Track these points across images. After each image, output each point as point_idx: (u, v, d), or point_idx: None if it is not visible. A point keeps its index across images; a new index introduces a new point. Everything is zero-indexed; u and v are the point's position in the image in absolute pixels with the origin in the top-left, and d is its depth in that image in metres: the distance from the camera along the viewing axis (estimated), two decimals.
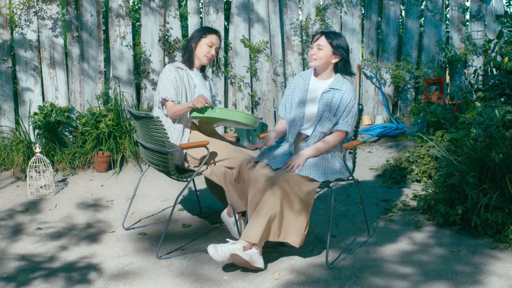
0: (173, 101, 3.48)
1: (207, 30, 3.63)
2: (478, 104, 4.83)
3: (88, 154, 5.14)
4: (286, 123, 3.43)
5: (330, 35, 3.29)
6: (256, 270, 3.11)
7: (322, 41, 3.29)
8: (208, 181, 3.81)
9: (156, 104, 3.58)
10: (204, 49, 3.61)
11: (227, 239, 3.14)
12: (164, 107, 3.55)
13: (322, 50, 3.28)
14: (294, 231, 3.15)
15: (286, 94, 3.46)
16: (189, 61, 3.65)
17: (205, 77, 3.77)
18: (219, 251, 3.00)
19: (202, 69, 3.75)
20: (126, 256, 3.37)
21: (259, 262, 3.08)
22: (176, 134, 3.52)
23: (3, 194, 4.50)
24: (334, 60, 3.32)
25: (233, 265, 3.18)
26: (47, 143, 5.16)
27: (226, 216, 3.62)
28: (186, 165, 3.52)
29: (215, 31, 3.65)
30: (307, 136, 3.36)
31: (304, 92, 3.38)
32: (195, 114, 3.36)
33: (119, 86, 5.55)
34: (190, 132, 3.57)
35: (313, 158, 3.25)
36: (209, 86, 3.79)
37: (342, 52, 3.29)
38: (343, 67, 3.34)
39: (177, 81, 3.52)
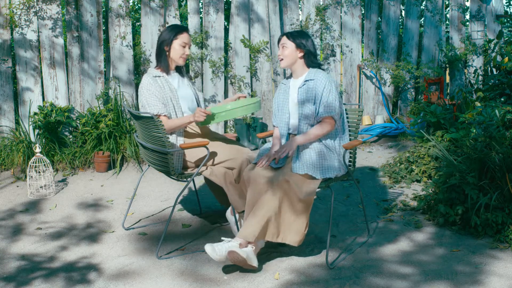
0: (165, 115, 3.45)
1: (177, 31, 3.55)
2: (478, 104, 4.83)
3: (88, 154, 5.14)
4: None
5: (291, 33, 3.40)
6: (251, 269, 3.11)
7: (284, 40, 3.39)
8: (208, 181, 3.81)
9: None
10: (178, 51, 3.55)
11: (222, 238, 3.15)
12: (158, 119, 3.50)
13: (286, 48, 3.37)
14: (293, 230, 3.15)
15: (274, 103, 3.55)
16: (164, 66, 3.57)
17: (182, 75, 3.70)
18: (216, 249, 3.01)
19: (177, 68, 3.68)
20: (126, 256, 3.37)
21: (254, 261, 3.08)
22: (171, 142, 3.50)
23: (3, 194, 4.50)
24: (300, 54, 3.38)
25: (233, 265, 3.19)
26: (47, 143, 5.16)
27: (230, 215, 3.61)
28: (184, 171, 3.51)
29: (185, 29, 3.57)
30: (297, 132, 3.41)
31: (285, 95, 3.46)
32: (202, 124, 3.41)
33: (119, 86, 5.55)
34: (184, 138, 3.55)
35: (312, 157, 3.25)
36: (189, 82, 3.72)
37: (304, 44, 3.36)
38: (312, 58, 3.40)
39: (161, 93, 3.46)
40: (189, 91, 3.66)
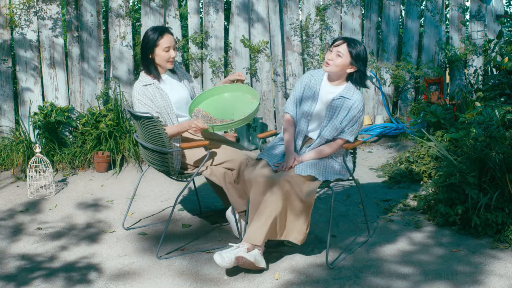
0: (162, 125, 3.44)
1: (157, 36, 3.42)
2: (478, 104, 4.83)
3: (88, 154, 5.14)
4: (294, 121, 3.39)
5: (352, 44, 3.20)
6: (260, 270, 3.11)
7: (343, 48, 3.20)
8: (211, 181, 3.81)
9: None
10: (163, 56, 3.46)
11: (230, 244, 3.14)
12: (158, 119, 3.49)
13: (340, 57, 3.21)
14: (296, 229, 3.16)
15: (297, 91, 3.38)
16: (155, 73, 3.50)
17: (174, 73, 3.64)
18: (225, 258, 3.00)
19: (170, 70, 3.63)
20: (126, 256, 3.37)
21: (262, 263, 3.08)
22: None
23: (3, 194, 4.50)
24: (350, 70, 3.26)
25: (233, 266, 3.19)
26: (47, 143, 5.16)
27: (231, 215, 3.61)
28: (185, 170, 3.51)
29: (163, 32, 3.45)
30: (311, 139, 3.37)
31: (314, 93, 3.34)
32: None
33: (119, 86, 5.55)
34: (180, 145, 3.52)
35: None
36: (181, 79, 3.65)
37: (360, 64, 3.22)
38: (358, 78, 3.28)
39: (153, 101, 3.43)
40: (182, 92, 3.60)
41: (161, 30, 3.45)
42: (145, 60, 3.50)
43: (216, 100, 3.57)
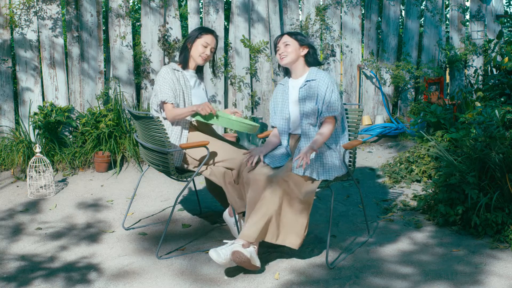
0: (172, 103, 3.48)
1: (202, 30, 3.63)
2: (478, 104, 4.83)
3: (88, 154, 5.14)
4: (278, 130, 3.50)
5: (291, 33, 3.41)
6: (254, 269, 3.10)
7: (286, 38, 3.38)
8: (208, 183, 3.81)
9: (153, 107, 3.57)
10: (199, 49, 3.60)
11: (224, 241, 3.14)
12: (162, 110, 3.54)
13: (289, 45, 3.36)
14: (293, 232, 3.14)
15: (271, 104, 3.55)
16: (184, 62, 3.65)
17: (201, 78, 3.76)
18: (220, 254, 3.00)
19: (198, 69, 3.74)
20: (126, 256, 3.37)
21: (257, 261, 3.08)
22: (175, 136, 3.52)
23: (3, 194, 4.50)
24: (304, 52, 3.38)
25: (234, 266, 3.19)
26: (47, 143, 5.16)
27: (228, 216, 3.62)
28: (185, 166, 3.53)
29: (211, 31, 3.64)
30: (299, 135, 3.39)
31: (284, 96, 3.45)
32: (198, 117, 3.40)
33: (119, 86, 5.55)
34: (188, 133, 3.57)
35: (311, 157, 3.25)
36: (205, 88, 3.80)
37: (307, 42, 3.37)
38: (314, 56, 3.40)
39: (175, 83, 3.52)
40: (203, 94, 3.73)
41: (210, 30, 3.66)
42: (183, 47, 3.66)
43: (223, 115, 3.60)
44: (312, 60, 3.41)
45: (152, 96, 3.61)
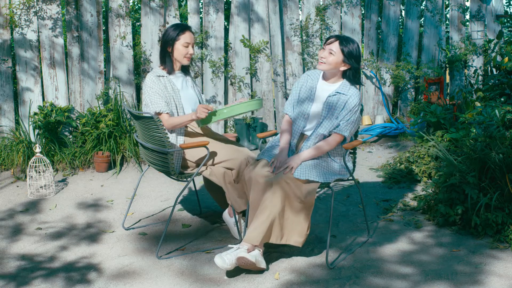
0: (167, 113, 3.44)
1: (178, 30, 3.51)
2: (478, 104, 4.83)
3: (88, 154, 5.14)
4: (292, 122, 3.42)
5: (344, 42, 3.24)
6: (260, 271, 3.11)
7: (335, 46, 3.24)
8: (207, 183, 3.80)
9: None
10: (181, 51, 3.51)
11: (230, 245, 3.14)
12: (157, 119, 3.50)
13: (332, 55, 3.24)
14: (296, 232, 3.15)
15: (294, 92, 3.44)
16: (169, 67, 3.55)
17: (187, 74, 3.68)
18: (225, 260, 3.00)
19: (183, 67, 3.66)
20: (126, 256, 3.37)
21: (262, 263, 3.08)
22: (172, 141, 3.49)
23: (3, 194, 4.50)
24: (343, 68, 3.29)
25: (235, 267, 3.19)
26: (47, 143, 5.16)
27: (227, 216, 3.62)
28: (184, 171, 3.51)
29: (186, 28, 3.53)
30: (306, 135, 3.37)
31: (311, 92, 3.37)
32: (202, 123, 3.38)
33: (119, 86, 5.55)
34: (184, 141, 3.53)
35: (312, 160, 3.25)
36: (193, 84, 3.71)
37: (352, 62, 3.25)
38: (351, 76, 3.31)
39: (163, 91, 3.45)
40: (192, 92, 3.65)
41: (183, 27, 3.54)
42: (163, 53, 3.55)
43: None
44: (348, 78, 3.31)
45: (142, 106, 3.55)
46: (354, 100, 3.24)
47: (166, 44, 3.52)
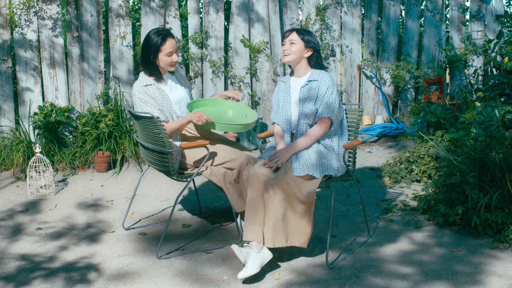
0: (164, 121, 3.43)
1: (160, 39, 3.41)
2: (478, 104, 4.83)
3: (88, 154, 5.14)
4: (282, 128, 3.48)
5: (300, 31, 3.38)
6: (260, 271, 3.11)
7: (294, 36, 3.35)
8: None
9: None
10: (166, 61, 3.47)
11: (242, 262, 3.10)
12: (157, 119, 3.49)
13: (294, 44, 3.34)
14: (299, 232, 3.16)
15: (274, 101, 3.53)
16: (156, 75, 3.50)
17: (172, 73, 3.65)
18: (249, 271, 3.01)
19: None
20: (126, 256, 3.37)
21: (268, 257, 3.10)
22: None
23: (3, 194, 4.50)
24: (307, 54, 3.36)
25: (233, 265, 3.19)
26: (47, 143, 5.16)
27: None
28: (183, 172, 3.50)
29: (167, 35, 3.45)
30: (296, 131, 3.40)
31: (286, 94, 3.44)
32: (199, 126, 3.41)
33: (119, 86, 5.55)
34: (180, 145, 3.52)
35: (311, 157, 3.25)
36: (181, 81, 3.67)
37: (313, 45, 3.36)
38: (316, 60, 3.39)
39: (153, 99, 3.44)
40: (182, 91, 3.63)
41: (164, 35, 3.44)
42: (147, 62, 3.49)
43: (219, 111, 3.62)
44: (314, 63, 3.39)
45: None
46: (326, 82, 3.30)
47: (148, 54, 3.45)
